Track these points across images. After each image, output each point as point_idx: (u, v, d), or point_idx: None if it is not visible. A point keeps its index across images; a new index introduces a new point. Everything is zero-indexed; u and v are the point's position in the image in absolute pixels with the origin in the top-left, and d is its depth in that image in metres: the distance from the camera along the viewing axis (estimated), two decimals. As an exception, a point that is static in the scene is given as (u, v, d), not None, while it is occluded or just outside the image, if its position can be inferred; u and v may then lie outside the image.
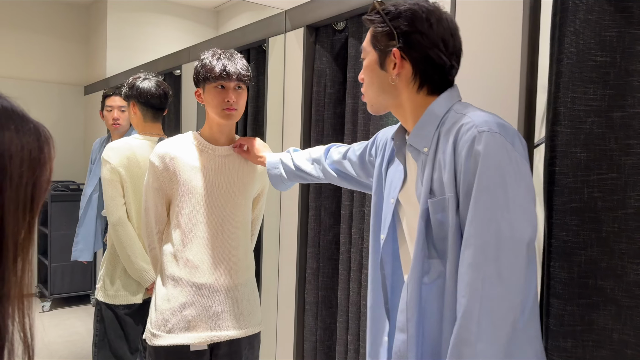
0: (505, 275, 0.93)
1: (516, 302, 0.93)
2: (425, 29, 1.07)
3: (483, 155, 0.95)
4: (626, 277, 1.14)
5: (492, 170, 0.95)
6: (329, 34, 1.97)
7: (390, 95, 1.14)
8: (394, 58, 1.09)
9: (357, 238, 1.83)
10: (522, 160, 0.98)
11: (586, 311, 1.17)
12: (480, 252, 0.94)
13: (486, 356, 0.92)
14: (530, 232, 0.95)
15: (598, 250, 1.15)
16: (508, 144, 0.97)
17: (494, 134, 0.96)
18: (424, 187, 1.07)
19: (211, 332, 1.53)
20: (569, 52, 1.18)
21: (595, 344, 1.16)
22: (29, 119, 0.58)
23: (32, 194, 0.55)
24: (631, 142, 1.12)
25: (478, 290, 0.93)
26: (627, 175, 1.13)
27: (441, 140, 1.07)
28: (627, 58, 1.13)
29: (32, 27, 4.69)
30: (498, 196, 0.94)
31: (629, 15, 1.13)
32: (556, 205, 1.19)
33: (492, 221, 0.94)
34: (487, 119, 0.99)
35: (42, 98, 4.79)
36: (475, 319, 0.93)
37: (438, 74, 1.10)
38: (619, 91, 1.13)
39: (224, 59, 1.51)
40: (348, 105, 1.87)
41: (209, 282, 1.53)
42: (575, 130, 1.17)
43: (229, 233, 1.57)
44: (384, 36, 1.11)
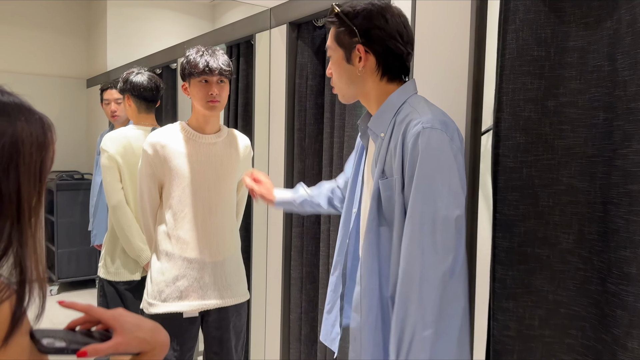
0: (439, 245, 1.12)
1: (447, 267, 1.12)
2: (382, 24, 1.23)
3: (425, 148, 1.13)
4: (559, 245, 1.30)
5: (431, 161, 1.13)
6: (309, 30, 2.12)
7: (357, 85, 1.30)
8: (358, 52, 1.25)
9: (335, 218, 2.00)
10: (457, 152, 1.16)
11: (525, 275, 1.33)
12: (419, 227, 1.13)
13: (423, 309, 1.10)
14: (459, 211, 1.14)
15: (535, 222, 1.31)
16: (447, 139, 1.14)
17: (435, 130, 1.14)
18: (377, 168, 1.24)
19: (201, 301, 1.71)
20: (510, 47, 1.32)
21: (534, 304, 1.32)
22: (35, 111, 0.76)
23: (41, 169, 0.73)
24: (563, 127, 1.28)
25: (417, 257, 1.12)
26: (560, 156, 1.29)
27: (395, 129, 1.23)
28: (560, 53, 1.28)
29: (34, 23, 4.84)
30: (435, 182, 1.13)
31: (562, 15, 1.28)
32: (499, 183, 1.34)
33: (429, 202, 1.13)
34: (433, 117, 1.17)
35: (46, 92, 4.95)
36: (416, 280, 1.12)
37: (397, 63, 1.27)
38: (553, 82, 1.29)
39: (207, 56, 1.66)
40: (327, 96, 2.03)
41: (199, 256, 1.71)
42: (516, 117, 1.32)
43: (215, 213, 1.73)
44: (346, 34, 1.26)
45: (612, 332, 1.17)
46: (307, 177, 2.17)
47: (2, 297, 0.67)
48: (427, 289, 1.11)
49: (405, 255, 1.14)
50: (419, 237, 1.13)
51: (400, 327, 1.14)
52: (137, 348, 0.80)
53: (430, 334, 1.10)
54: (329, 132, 2.04)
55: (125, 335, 0.79)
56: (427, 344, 1.10)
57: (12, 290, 0.69)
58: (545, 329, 1.32)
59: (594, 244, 1.24)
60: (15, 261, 0.69)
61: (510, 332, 1.34)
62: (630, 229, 1.13)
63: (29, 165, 0.71)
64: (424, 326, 1.10)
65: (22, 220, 0.70)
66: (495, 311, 1.35)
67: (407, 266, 1.13)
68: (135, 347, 0.80)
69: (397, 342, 1.14)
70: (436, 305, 1.11)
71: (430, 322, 1.11)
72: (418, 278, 1.11)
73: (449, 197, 1.13)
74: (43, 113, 0.78)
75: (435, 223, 1.12)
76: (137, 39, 4.64)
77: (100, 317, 0.81)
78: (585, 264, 1.26)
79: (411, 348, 1.11)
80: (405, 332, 1.13)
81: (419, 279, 1.11)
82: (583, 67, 1.25)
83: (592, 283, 1.25)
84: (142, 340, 0.80)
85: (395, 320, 1.15)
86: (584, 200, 1.26)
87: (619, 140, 1.16)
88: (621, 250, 1.15)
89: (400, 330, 1.14)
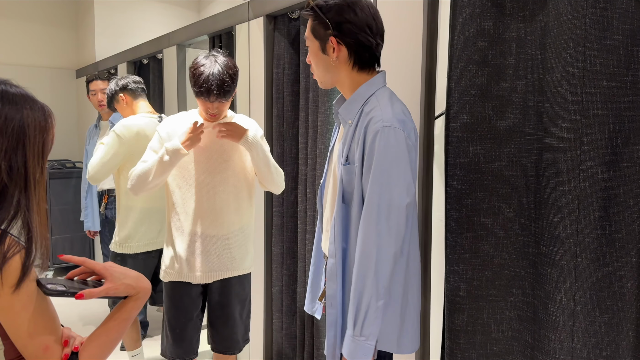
0: (392, 229, 1.28)
1: (398, 247, 1.29)
2: (352, 17, 1.34)
3: (384, 144, 1.27)
4: (502, 215, 1.46)
5: (388, 156, 1.27)
6: (285, 22, 2.25)
7: (332, 74, 1.42)
8: (332, 44, 1.36)
9: (311, 197, 2.16)
10: (412, 149, 1.30)
11: (473, 242, 1.49)
12: (376, 213, 1.28)
13: (378, 283, 1.28)
14: (410, 199, 1.29)
15: (480, 195, 1.48)
16: (404, 136, 1.28)
17: (394, 129, 1.27)
18: (344, 152, 1.39)
19: (208, 272, 1.91)
20: (458, 38, 1.47)
21: (480, 267, 1.49)
22: (37, 100, 0.92)
23: (43, 148, 0.90)
24: (504, 110, 1.44)
25: (374, 239, 1.28)
26: (502, 135, 1.45)
27: (361, 118, 1.36)
28: (501, 43, 1.44)
29: (22, 15, 4.93)
30: (391, 175, 1.27)
31: (503, 8, 1.43)
32: (450, 160, 1.50)
33: (385, 192, 1.28)
34: (392, 116, 1.29)
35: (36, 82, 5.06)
36: (372, 259, 1.28)
37: (367, 53, 1.38)
38: (495, 69, 1.44)
39: (210, 77, 1.75)
40: (302, 84, 2.17)
41: (206, 231, 1.89)
42: (463, 102, 1.47)
43: (219, 193, 1.91)
44: (320, 27, 1.37)
45: (544, 288, 1.35)
46: (286, 159, 2.33)
47: (14, 252, 0.84)
48: (381, 266, 1.28)
49: (362, 237, 1.31)
50: (376, 222, 1.28)
51: (358, 299, 1.31)
52: (124, 292, 0.98)
53: (382, 304, 1.29)
54: (304, 117, 2.19)
55: (115, 282, 0.96)
56: (380, 312, 1.29)
57: (21, 246, 0.86)
58: (491, 288, 1.49)
59: (530, 212, 1.41)
60: (23, 222, 0.86)
61: (461, 292, 1.51)
62: (557, 197, 1.30)
63: (33, 145, 0.87)
64: (377, 297, 1.28)
65: (29, 190, 0.87)
66: (447, 274, 1.52)
67: (364, 247, 1.30)
68: (123, 292, 0.97)
69: (355, 312, 1.32)
70: (387, 279, 1.29)
71: (382, 294, 1.29)
72: (374, 257, 1.28)
73: (402, 188, 1.27)
74: (43, 102, 0.94)
75: (390, 210, 1.27)
76: (124, 29, 4.74)
77: (93, 267, 0.98)
78: (524, 230, 1.43)
79: (367, 316, 1.29)
80: (362, 303, 1.30)
81: (375, 258, 1.28)
82: (520, 55, 1.41)
83: (530, 246, 1.42)
84: (128, 286, 0.98)
85: (354, 293, 1.32)
86: (522, 174, 1.42)
87: (548, 120, 1.32)
88: (551, 217, 1.32)
89: (358, 302, 1.31)
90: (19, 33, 4.99)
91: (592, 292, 1.28)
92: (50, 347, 0.90)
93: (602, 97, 1.24)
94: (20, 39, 5.00)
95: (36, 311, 0.88)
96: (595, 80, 1.24)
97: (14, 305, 0.85)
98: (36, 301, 0.88)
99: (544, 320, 1.35)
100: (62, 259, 0.98)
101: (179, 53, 3.14)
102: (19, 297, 0.86)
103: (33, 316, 0.88)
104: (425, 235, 1.66)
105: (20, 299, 0.86)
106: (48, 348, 0.90)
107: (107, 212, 3.30)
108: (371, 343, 1.29)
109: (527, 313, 1.43)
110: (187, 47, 3.19)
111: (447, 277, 1.52)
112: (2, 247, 0.84)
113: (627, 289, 1.27)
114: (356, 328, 1.30)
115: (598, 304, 1.28)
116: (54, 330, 0.92)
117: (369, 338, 1.29)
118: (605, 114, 1.24)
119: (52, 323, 0.92)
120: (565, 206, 1.28)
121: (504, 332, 1.49)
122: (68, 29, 5.24)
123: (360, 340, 1.29)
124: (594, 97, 1.24)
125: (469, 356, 1.52)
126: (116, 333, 0.97)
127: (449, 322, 1.53)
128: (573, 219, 1.27)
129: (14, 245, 0.85)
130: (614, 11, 1.22)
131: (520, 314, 1.45)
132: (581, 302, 1.28)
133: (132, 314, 0.99)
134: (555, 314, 1.31)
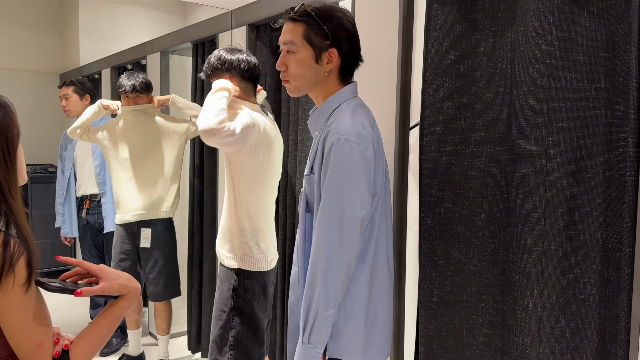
0: (345, 240, 1.28)
1: (352, 257, 1.31)
2: (348, 29, 1.36)
3: (338, 156, 1.27)
4: (473, 223, 1.51)
5: (341, 168, 1.27)
6: (267, 32, 2.29)
7: (319, 84, 1.38)
8: (329, 55, 1.34)
9: (291, 204, 2.19)
10: (369, 162, 1.29)
11: (445, 249, 1.53)
12: (328, 224, 1.29)
13: (327, 293, 1.30)
14: (365, 212, 1.30)
15: (453, 203, 1.52)
16: (360, 149, 1.27)
17: (349, 142, 1.26)
18: (308, 162, 1.42)
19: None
20: (432, 52, 1.52)
21: (452, 273, 1.54)
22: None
23: (7, 147, 0.93)
24: (475, 121, 1.49)
25: (324, 250, 1.29)
26: (473, 146, 1.49)
27: (324, 130, 1.37)
28: (473, 57, 1.49)
29: (6, 19, 4.90)
30: (344, 186, 1.27)
31: (475, 24, 1.48)
32: (424, 170, 1.54)
33: (337, 204, 1.28)
34: (350, 129, 1.28)
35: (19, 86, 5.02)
36: (321, 269, 1.29)
37: (355, 65, 1.41)
38: (467, 82, 1.49)
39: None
40: (284, 93, 2.21)
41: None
42: (436, 113, 1.52)
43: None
44: (317, 36, 1.33)
45: (513, 294, 1.39)
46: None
47: (20, 252, 0.90)
48: (331, 276, 1.29)
49: (314, 247, 1.32)
50: (327, 233, 1.28)
51: (307, 307, 1.32)
52: (118, 291, 1.05)
53: (332, 313, 1.30)
54: (286, 125, 2.22)
55: (110, 281, 1.03)
56: (329, 321, 1.31)
57: (23, 246, 0.91)
58: (463, 294, 1.53)
59: (500, 220, 1.46)
60: (14, 225, 0.92)
61: (434, 298, 1.55)
62: (524, 207, 1.35)
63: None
64: (327, 307, 1.30)
65: (4, 192, 0.90)
66: (421, 280, 1.56)
67: (315, 257, 1.31)
68: (117, 291, 1.05)
69: (305, 319, 1.33)
70: (338, 290, 1.30)
71: (332, 304, 1.30)
72: (324, 267, 1.29)
73: (356, 200, 1.27)
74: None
75: (342, 221, 1.27)
76: (109, 34, 4.73)
77: (89, 268, 1.05)
78: (494, 238, 1.48)
79: (315, 324, 1.31)
80: (311, 311, 1.31)
81: (325, 268, 1.29)
82: (491, 69, 1.46)
83: (499, 254, 1.46)
84: (122, 286, 1.05)
85: (304, 301, 1.34)
86: (493, 184, 1.47)
87: (516, 132, 1.37)
88: (519, 225, 1.37)
89: (307, 309, 1.32)
90: (1, 36, 4.96)
91: (558, 299, 1.33)
92: (44, 343, 0.96)
93: (567, 111, 1.29)
94: (3, 42, 4.97)
95: (33, 308, 0.93)
96: (560, 95, 1.29)
97: (15, 302, 0.91)
98: (33, 300, 0.94)
99: (512, 325, 1.39)
100: (59, 260, 1.05)
101: (163, 59, 3.16)
102: (30, 292, 0.92)
103: (30, 313, 0.93)
104: (400, 242, 1.70)
105: (22, 297, 0.91)
106: (41, 345, 0.95)
107: (88, 217, 3.29)
108: (319, 351, 1.31)
109: (497, 318, 1.47)
110: (171, 54, 3.21)
111: (420, 283, 1.56)
112: (9, 249, 0.90)
113: (591, 296, 1.32)
114: (304, 335, 1.32)
115: (563, 310, 1.33)
116: (47, 328, 0.97)
117: (316, 346, 1.31)
118: (570, 127, 1.29)
119: (46, 320, 0.98)
120: (532, 215, 1.33)
121: (475, 337, 1.53)
122: (52, 33, 5.23)
123: (308, 347, 1.31)
124: (559, 110, 1.30)
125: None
126: (107, 330, 1.04)
127: (422, 327, 1.56)
128: (539, 227, 1.32)
129: (17, 246, 0.91)
130: (577, 28, 1.27)
131: (491, 320, 1.50)
132: (547, 308, 1.33)
133: (123, 312, 1.07)
134: (523, 319, 1.35)
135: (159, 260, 2.80)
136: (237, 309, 1.87)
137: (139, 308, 3.04)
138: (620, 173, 1.23)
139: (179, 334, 3.50)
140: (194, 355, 3.21)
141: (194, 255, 2.97)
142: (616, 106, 1.24)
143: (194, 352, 3.15)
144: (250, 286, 1.88)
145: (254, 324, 1.90)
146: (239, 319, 1.88)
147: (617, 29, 1.24)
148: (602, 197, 1.28)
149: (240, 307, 1.88)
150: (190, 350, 3.13)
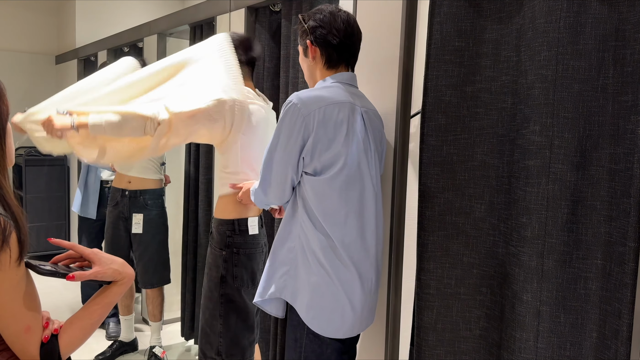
0: (272, 187, 1.55)
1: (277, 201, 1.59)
2: (323, 20, 1.51)
3: (281, 115, 1.47)
4: (473, 214, 1.48)
5: (281, 124, 1.46)
6: (266, 15, 2.24)
7: (311, 73, 1.61)
8: (309, 46, 1.55)
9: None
10: (309, 122, 1.42)
11: (444, 240, 1.50)
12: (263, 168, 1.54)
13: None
14: (291, 169, 1.49)
15: (453, 194, 1.49)
16: (297, 108, 1.42)
17: (291, 104, 1.44)
18: None
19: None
20: (435, 38, 1.48)
21: (451, 265, 1.51)
22: None
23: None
24: (478, 110, 1.45)
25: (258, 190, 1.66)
26: (475, 135, 1.46)
27: None
28: (477, 44, 1.44)
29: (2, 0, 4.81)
30: (279, 138, 1.47)
31: (480, 9, 1.44)
32: (424, 159, 1.51)
33: (269, 152, 1.50)
34: (298, 95, 1.45)
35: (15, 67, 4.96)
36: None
37: (335, 52, 1.53)
38: (470, 70, 1.45)
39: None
40: (282, 78, 2.16)
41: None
42: (438, 101, 1.48)
43: None
44: (303, 34, 1.56)
45: (512, 287, 1.36)
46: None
47: (11, 228, 0.86)
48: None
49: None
50: (262, 176, 1.54)
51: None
52: (111, 277, 1.02)
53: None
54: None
55: (103, 266, 1.00)
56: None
57: (12, 223, 0.88)
58: (461, 287, 1.50)
59: (501, 212, 1.43)
60: (1, 201, 0.87)
61: (431, 290, 1.52)
62: (526, 199, 1.31)
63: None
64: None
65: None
66: (419, 272, 1.53)
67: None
68: (110, 276, 1.02)
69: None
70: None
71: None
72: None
73: (283, 153, 1.46)
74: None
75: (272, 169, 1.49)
76: (106, 16, 4.66)
77: (82, 252, 1.02)
78: (493, 230, 1.45)
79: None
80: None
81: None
82: (496, 57, 1.41)
83: (499, 246, 1.43)
84: (115, 271, 1.02)
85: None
86: (494, 175, 1.44)
87: (520, 122, 1.34)
88: (520, 217, 1.34)
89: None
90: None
91: (558, 293, 1.30)
92: (32, 327, 0.92)
93: (573, 101, 1.26)
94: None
95: (22, 291, 0.90)
96: (566, 84, 1.25)
97: (3, 283, 0.87)
98: (23, 281, 0.91)
99: (510, 319, 1.36)
100: (52, 242, 1.02)
101: (160, 42, 3.10)
102: (20, 269, 0.88)
103: (19, 296, 0.90)
104: (398, 232, 1.67)
105: (11, 278, 0.88)
106: (30, 329, 0.92)
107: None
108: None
109: (495, 312, 1.45)
110: (168, 37, 3.15)
111: (417, 275, 1.53)
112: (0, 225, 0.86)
113: (592, 291, 1.29)
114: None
115: (563, 304, 1.30)
116: (37, 312, 0.94)
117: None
118: (576, 117, 1.26)
119: (35, 304, 0.94)
120: (534, 207, 1.30)
121: (472, 330, 1.50)
122: (48, 14, 5.14)
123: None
124: (565, 100, 1.26)
125: (437, 353, 1.53)
126: (98, 316, 1.01)
127: (418, 319, 1.54)
128: (541, 220, 1.29)
129: (7, 222, 0.87)
130: (587, 16, 1.23)
131: (488, 313, 1.47)
132: (547, 303, 1.30)
133: (116, 299, 1.04)
134: (521, 313, 1.33)
135: (149, 247, 2.78)
136: (225, 295, 1.86)
137: (131, 293, 3.04)
138: (627, 166, 1.19)
139: (172, 320, 3.48)
140: (187, 342, 3.20)
141: (188, 242, 2.93)
142: (624, 97, 1.21)
143: (187, 339, 3.13)
144: (239, 274, 1.86)
145: (242, 311, 1.88)
146: (227, 305, 1.86)
147: (627, 17, 1.20)
148: (607, 190, 1.25)
149: (229, 295, 1.86)
150: (184, 336, 3.11)
